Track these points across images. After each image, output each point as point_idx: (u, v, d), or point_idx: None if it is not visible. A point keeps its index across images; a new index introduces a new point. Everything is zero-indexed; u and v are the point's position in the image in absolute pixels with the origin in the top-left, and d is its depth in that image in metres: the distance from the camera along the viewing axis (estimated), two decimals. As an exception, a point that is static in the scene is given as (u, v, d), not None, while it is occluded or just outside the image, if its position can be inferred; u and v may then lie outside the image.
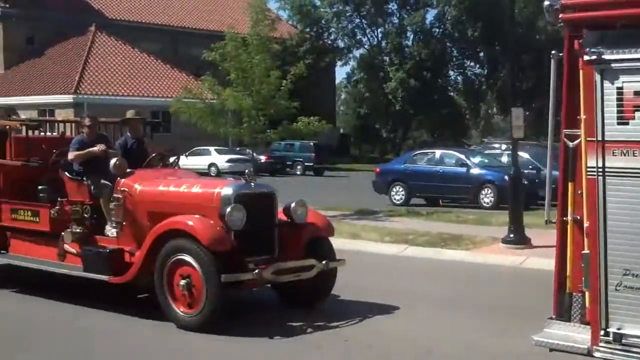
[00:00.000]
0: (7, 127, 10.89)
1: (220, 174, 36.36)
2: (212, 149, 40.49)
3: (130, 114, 10.71)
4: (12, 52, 47.26)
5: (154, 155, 10.33)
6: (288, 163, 45.24)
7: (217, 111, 20.05)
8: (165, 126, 32.21)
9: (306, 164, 45.34)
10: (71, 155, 9.99)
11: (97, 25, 46.78)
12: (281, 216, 9.32)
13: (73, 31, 46.82)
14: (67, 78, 42.71)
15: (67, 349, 8.08)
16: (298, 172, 44.92)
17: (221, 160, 40.22)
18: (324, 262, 9.07)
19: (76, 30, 46.51)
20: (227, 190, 8.78)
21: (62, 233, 9.78)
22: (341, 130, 70.74)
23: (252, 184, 9.08)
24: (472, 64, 63.17)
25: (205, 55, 20.08)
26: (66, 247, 9.84)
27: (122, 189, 9.43)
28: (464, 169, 24.23)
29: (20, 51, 47.43)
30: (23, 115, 21.11)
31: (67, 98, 40.85)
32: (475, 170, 24.05)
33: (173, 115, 23.83)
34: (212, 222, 8.56)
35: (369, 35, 61.74)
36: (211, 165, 39.45)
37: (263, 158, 40.48)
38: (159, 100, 41.15)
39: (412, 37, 59.98)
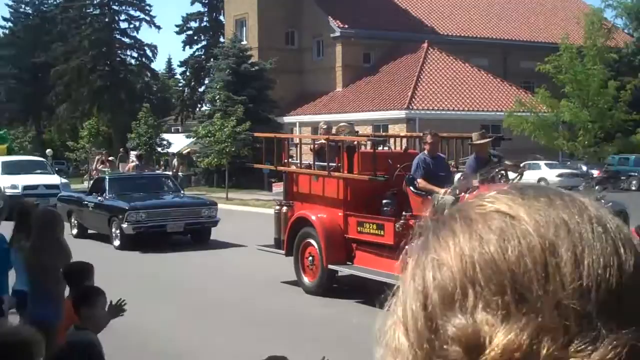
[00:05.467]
0: (355, 142, 11.44)
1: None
2: (541, 163, 39.59)
3: (475, 137, 10.73)
4: (349, 71, 49.62)
5: (497, 170, 10.30)
6: (622, 178, 42.89)
7: (550, 124, 19.58)
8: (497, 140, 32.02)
9: (642, 178, 42.72)
10: (421, 182, 10.25)
11: (429, 41, 47.77)
12: (633, 235, 8.83)
13: (406, 48, 48.34)
14: (400, 94, 43.89)
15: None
16: (633, 187, 42.41)
17: (551, 175, 39.14)
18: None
19: (409, 47, 47.92)
20: (574, 208, 8.46)
21: (407, 247, 10.01)
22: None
23: (602, 201, 8.68)
24: None
25: (539, 68, 19.68)
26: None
27: (465, 204, 9.49)
28: None
29: (357, 69, 49.77)
30: (359, 131, 22.09)
31: (400, 114, 41.88)
32: None
33: (503, 130, 23.64)
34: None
35: None
36: (540, 179, 38.40)
37: (596, 172, 38.80)
38: (488, 114, 40.96)
39: None
